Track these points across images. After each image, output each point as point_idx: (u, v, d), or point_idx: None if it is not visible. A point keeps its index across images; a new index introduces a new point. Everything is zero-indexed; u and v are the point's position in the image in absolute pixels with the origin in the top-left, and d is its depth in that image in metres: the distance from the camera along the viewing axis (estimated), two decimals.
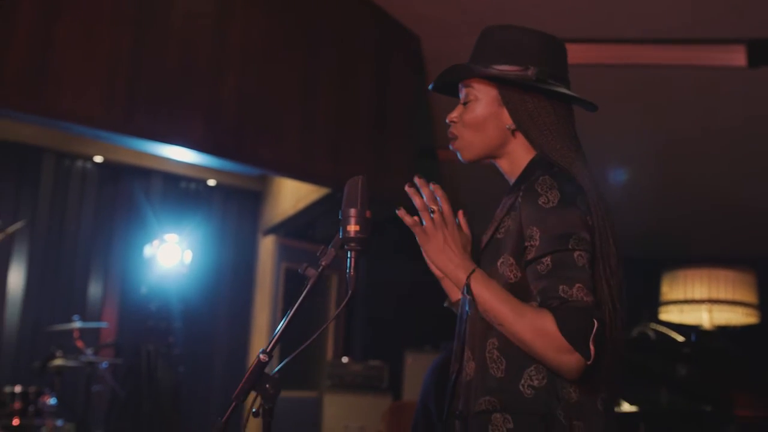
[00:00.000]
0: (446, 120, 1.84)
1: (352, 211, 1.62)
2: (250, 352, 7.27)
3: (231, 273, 7.35)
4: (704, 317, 5.32)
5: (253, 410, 1.54)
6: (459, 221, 1.80)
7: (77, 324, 5.63)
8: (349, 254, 1.62)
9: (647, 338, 4.96)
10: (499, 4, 4.91)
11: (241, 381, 1.53)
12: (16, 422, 4.91)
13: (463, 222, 1.82)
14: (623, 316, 1.67)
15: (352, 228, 1.62)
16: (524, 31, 1.79)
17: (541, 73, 1.74)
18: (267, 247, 7.37)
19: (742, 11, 4.72)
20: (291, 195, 6.72)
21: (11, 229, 5.51)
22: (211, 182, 7.32)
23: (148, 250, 6.27)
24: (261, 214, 7.60)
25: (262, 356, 1.55)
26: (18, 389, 5.01)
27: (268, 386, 1.54)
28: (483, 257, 1.74)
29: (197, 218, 7.04)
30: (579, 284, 1.54)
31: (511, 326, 1.57)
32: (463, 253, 1.68)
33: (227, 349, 7.22)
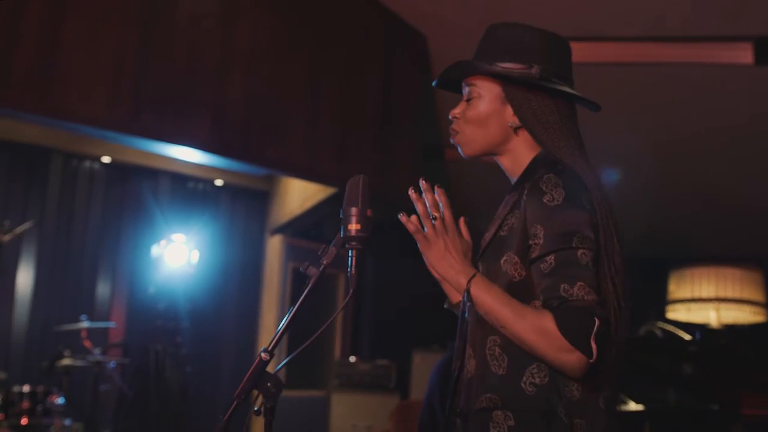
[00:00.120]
0: (449, 116, 1.85)
1: (353, 210, 1.63)
2: (258, 352, 7.27)
3: (238, 273, 7.36)
4: (712, 316, 5.30)
5: (255, 408, 1.54)
6: (460, 228, 1.80)
7: (85, 324, 5.65)
8: (351, 253, 1.63)
9: (654, 337, 4.94)
10: (506, 3, 4.91)
11: (243, 380, 1.54)
12: (25, 421, 4.93)
13: (464, 229, 1.82)
14: (627, 315, 1.67)
15: (353, 227, 1.62)
16: (529, 29, 1.78)
17: (545, 72, 1.73)
18: (274, 247, 7.38)
19: (750, 8, 4.70)
20: (298, 195, 6.73)
21: (20, 230, 5.54)
22: (219, 182, 7.33)
23: (156, 250, 6.28)
24: (268, 214, 7.61)
25: (264, 355, 1.55)
26: (26, 389, 5.03)
27: (270, 385, 1.54)
28: (486, 255, 1.74)
29: (205, 218, 7.06)
30: (581, 282, 1.54)
31: (513, 328, 1.57)
32: (464, 259, 1.68)
33: (235, 349, 7.24)
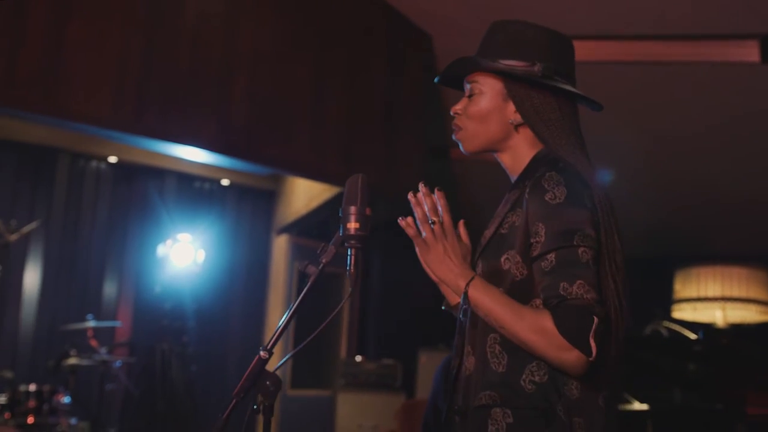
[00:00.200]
0: (450, 111, 1.85)
1: (352, 209, 1.63)
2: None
3: (244, 272, 7.37)
4: (718, 315, 5.30)
5: (254, 406, 1.54)
6: (459, 232, 1.80)
7: (91, 323, 5.66)
8: (350, 252, 1.63)
9: (660, 336, 4.93)
10: (509, 2, 4.90)
11: (242, 378, 1.54)
12: (31, 420, 4.94)
13: (463, 232, 1.82)
14: (628, 313, 1.67)
15: (352, 225, 1.62)
16: (532, 27, 1.79)
17: (548, 70, 1.73)
18: (280, 247, 7.39)
19: (756, 6, 4.68)
20: (304, 194, 6.74)
21: (27, 229, 5.56)
22: (225, 182, 7.35)
23: (162, 250, 6.29)
24: (274, 214, 7.62)
25: (263, 353, 1.55)
26: (32, 388, 5.03)
27: (269, 383, 1.54)
28: (486, 253, 1.74)
29: (211, 218, 7.07)
30: (580, 281, 1.54)
31: (512, 328, 1.58)
32: (463, 263, 1.69)
33: (241, 349, 7.24)
